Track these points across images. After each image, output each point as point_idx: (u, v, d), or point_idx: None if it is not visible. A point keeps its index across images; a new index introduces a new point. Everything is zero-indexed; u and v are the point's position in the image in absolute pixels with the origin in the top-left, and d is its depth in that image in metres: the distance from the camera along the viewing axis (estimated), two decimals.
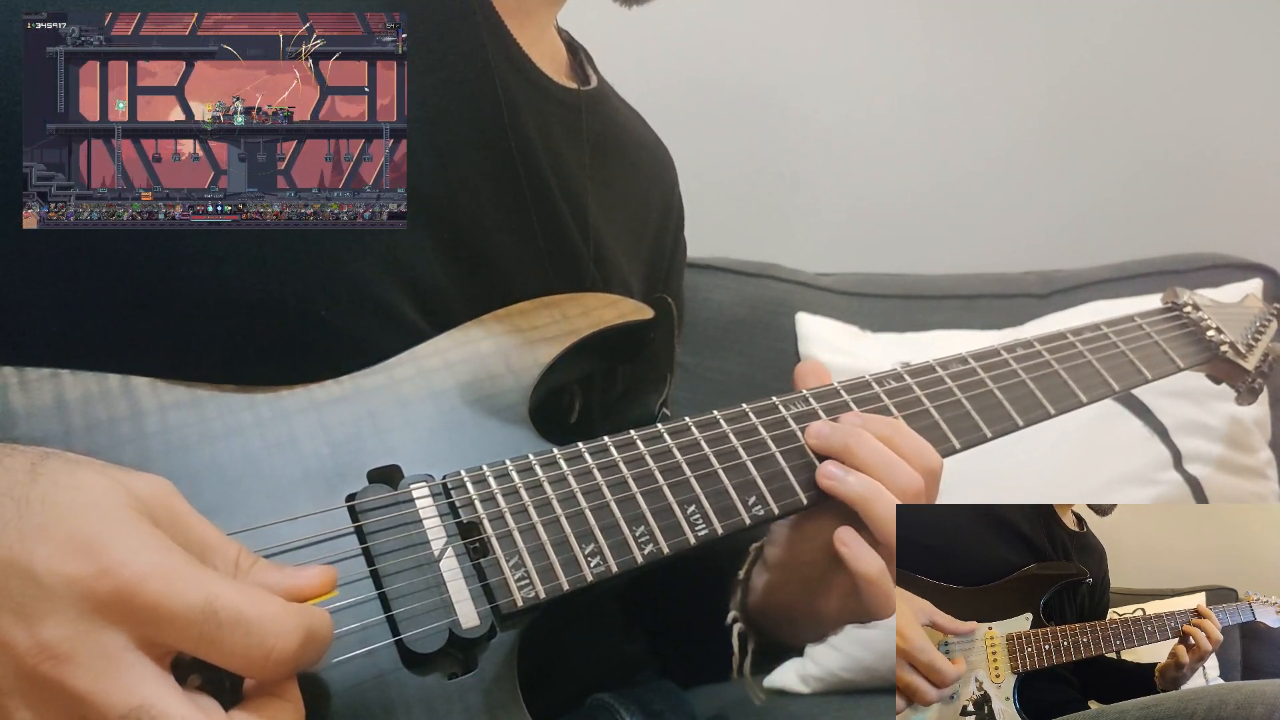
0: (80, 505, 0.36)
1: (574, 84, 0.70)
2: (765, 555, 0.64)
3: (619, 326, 0.60)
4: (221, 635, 0.35)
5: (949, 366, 0.65)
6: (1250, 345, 0.84)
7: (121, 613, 0.35)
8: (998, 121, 1.51)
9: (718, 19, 1.45)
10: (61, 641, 0.34)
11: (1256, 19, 1.45)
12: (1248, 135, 1.48)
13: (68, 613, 0.34)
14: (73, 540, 0.35)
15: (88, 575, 0.34)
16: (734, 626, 0.65)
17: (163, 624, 0.35)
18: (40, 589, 0.34)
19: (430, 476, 0.49)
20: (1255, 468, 1.18)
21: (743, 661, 0.65)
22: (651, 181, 0.77)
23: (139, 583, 0.35)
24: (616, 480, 0.52)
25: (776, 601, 0.63)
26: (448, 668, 0.45)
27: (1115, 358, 0.72)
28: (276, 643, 0.36)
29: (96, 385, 0.46)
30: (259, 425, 0.48)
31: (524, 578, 0.47)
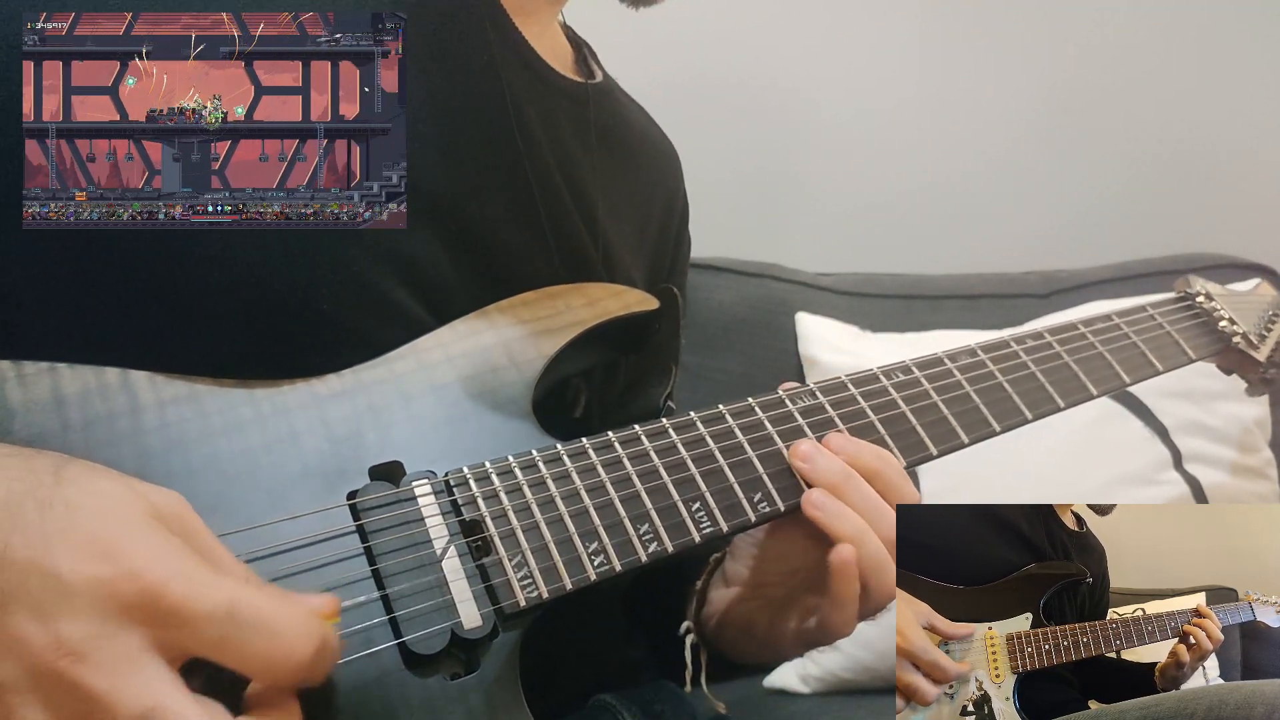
0: (102, 510, 0.37)
1: (579, 78, 0.69)
2: (725, 570, 0.63)
3: (624, 317, 0.59)
4: (243, 637, 0.36)
5: (958, 359, 0.64)
6: (1262, 336, 0.83)
7: (145, 615, 0.35)
8: (998, 121, 1.51)
9: (719, 18, 1.45)
10: (82, 640, 0.34)
11: (1256, 19, 1.45)
12: (1248, 135, 1.48)
13: (90, 612, 0.34)
14: (95, 543, 0.35)
15: (113, 577, 0.35)
16: (686, 638, 0.64)
17: (184, 626, 0.35)
18: (61, 588, 0.34)
19: (432, 473, 0.49)
20: (1255, 468, 1.18)
21: (697, 674, 0.63)
22: (657, 177, 0.77)
23: (163, 585, 0.35)
24: (620, 477, 0.51)
25: (735, 618, 0.62)
26: (450, 668, 0.45)
27: (1126, 348, 0.71)
28: (295, 645, 0.37)
29: (95, 380, 0.46)
30: (259, 420, 0.48)
31: (527, 577, 0.47)
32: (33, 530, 0.35)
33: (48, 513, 0.36)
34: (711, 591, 0.64)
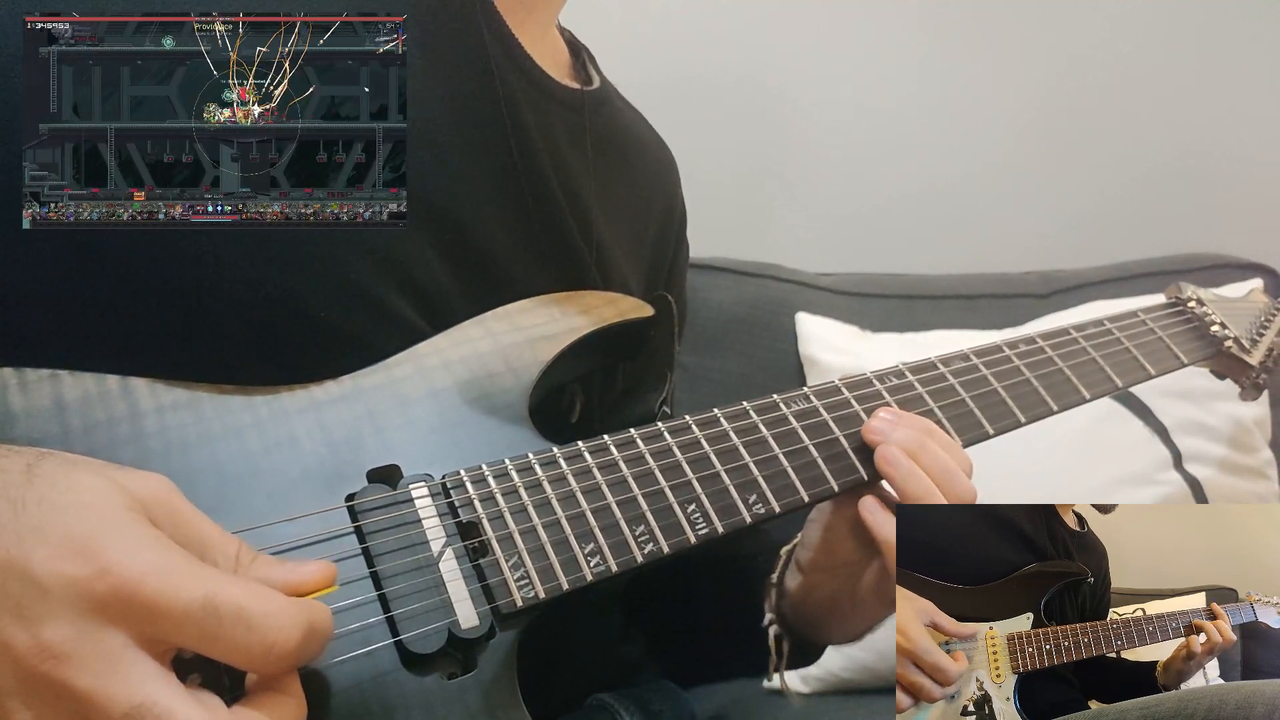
0: (77, 506, 0.36)
1: (576, 84, 0.69)
2: (798, 559, 0.64)
3: (619, 324, 0.60)
4: (223, 631, 0.35)
5: (951, 363, 0.65)
6: (1255, 340, 0.84)
7: (121, 612, 0.35)
8: (998, 121, 1.51)
9: (718, 18, 1.45)
10: (62, 642, 0.34)
11: (1256, 19, 1.45)
12: (1248, 135, 1.48)
13: (68, 613, 0.34)
14: (70, 541, 0.35)
15: (86, 575, 0.34)
16: (770, 629, 0.66)
17: (163, 621, 0.35)
18: (39, 590, 0.34)
19: (430, 476, 0.49)
20: (1255, 468, 1.18)
21: (779, 663, 0.65)
22: (653, 183, 0.77)
23: (138, 581, 0.35)
24: (616, 479, 0.52)
25: (816, 600, 0.64)
26: (447, 668, 0.45)
27: (1119, 354, 0.72)
28: (278, 637, 0.36)
29: (95, 386, 0.46)
30: (258, 425, 0.48)
31: (523, 578, 0.47)
32: (7, 531, 0.35)
33: (21, 511, 0.35)
34: (788, 581, 0.66)
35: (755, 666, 0.68)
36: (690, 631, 0.77)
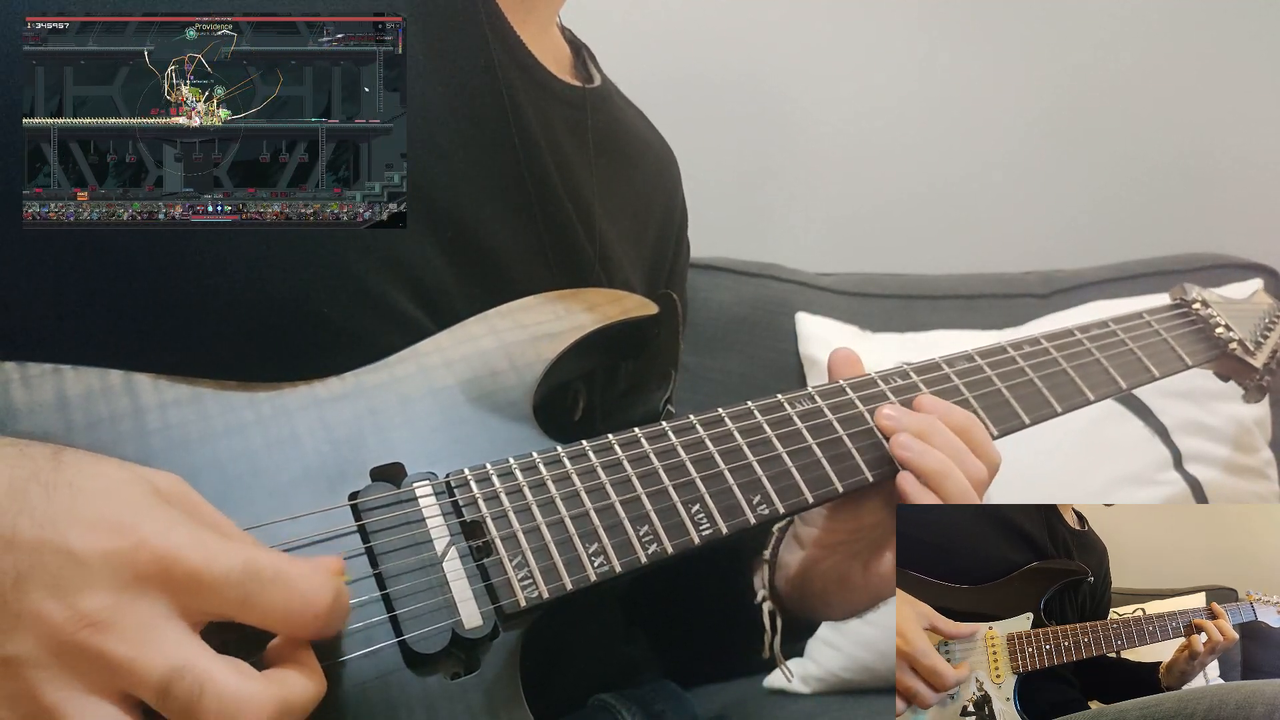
0: (105, 490, 0.37)
1: (577, 82, 0.69)
2: (797, 534, 0.64)
3: (623, 322, 0.60)
4: (265, 593, 0.37)
5: (955, 364, 0.64)
6: (1259, 342, 0.84)
7: (163, 581, 0.36)
8: (998, 122, 1.51)
9: (718, 17, 1.45)
10: (101, 610, 0.35)
11: (1256, 19, 1.45)
12: (1248, 135, 1.48)
13: (107, 584, 0.35)
14: (103, 520, 0.36)
15: (126, 548, 0.36)
16: (763, 605, 0.66)
17: (204, 589, 0.36)
18: (77, 564, 0.35)
19: (433, 475, 0.49)
20: (1255, 468, 1.19)
21: (773, 639, 0.65)
22: (654, 182, 0.77)
23: (177, 550, 0.36)
24: (620, 479, 0.52)
25: (820, 574, 0.64)
26: (450, 668, 0.45)
27: (1123, 355, 0.72)
28: (316, 595, 0.38)
29: (98, 382, 0.46)
30: (260, 423, 0.48)
31: (527, 577, 0.47)
32: (39, 512, 0.36)
33: (53, 494, 0.36)
34: (785, 556, 0.66)
35: (751, 649, 0.68)
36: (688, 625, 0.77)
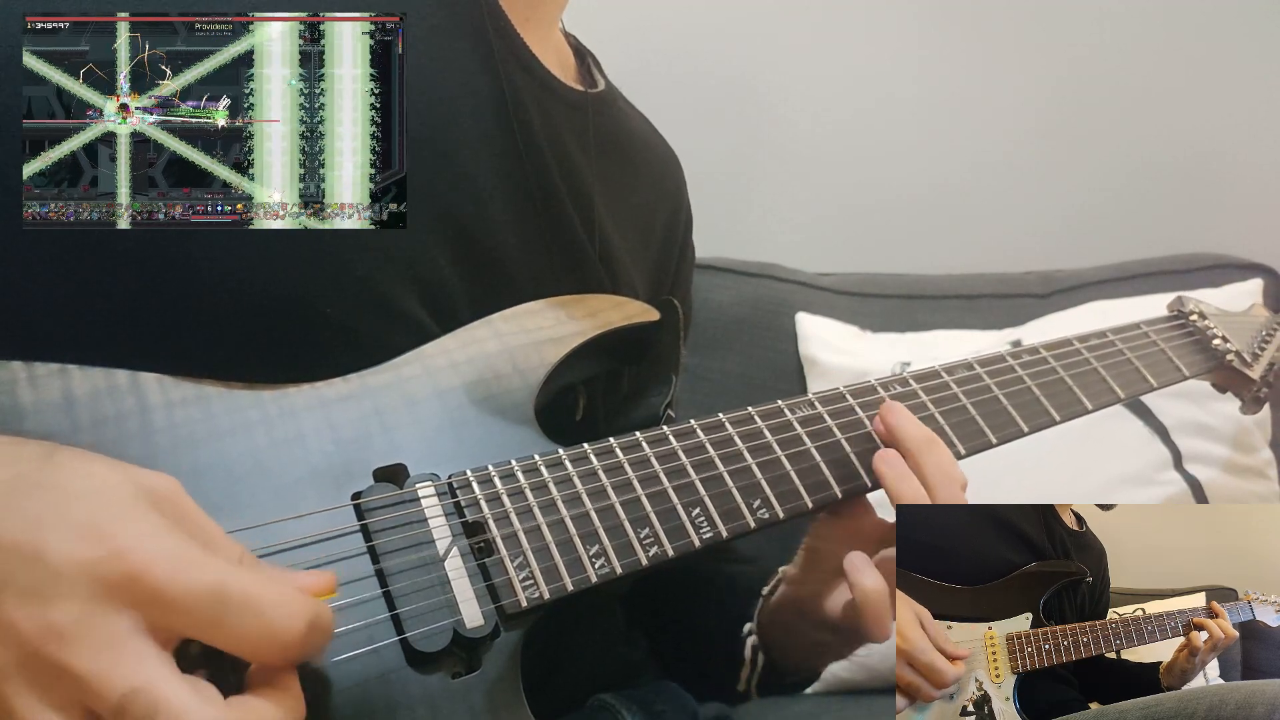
0: (91, 492, 0.37)
1: (581, 86, 0.70)
2: (785, 573, 0.66)
3: (625, 328, 0.60)
4: (229, 618, 0.36)
5: (955, 372, 0.65)
6: (1256, 354, 0.85)
7: (131, 596, 0.35)
8: (998, 121, 1.51)
9: (718, 17, 1.45)
10: (69, 623, 0.34)
11: (1256, 19, 1.45)
12: (1248, 135, 1.48)
13: (78, 595, 0.34)
14: (83, 525, 0.36)
15: (98, 558, 0.35)
16: (748, 639, 0.67)
17: (171, 607, 0.35)
18: (50, 572, 0.34)
19: (436, 476, 0.50)
20: (1255, 468, 1.19)
21: (750, 674, 0.65)
22: (659, 187, 0.77)
23: (148, 566, 0.35)
24: (621, 481, 0.52)
25: (789, 602, 0.64)
26: (451, 667, 0.45)
27: (1121, 365, 0.73)
28: (285, 624, 0.36)
29: (104, 381, 0.46)
30: (265, 422, 0.48)
31: (528, 578, 0.47)
32: (23, 513, 0.35)
33: (39, 495, 0.36)
34: (773, 598, 0.67)
35: (727, 679, 0.69)
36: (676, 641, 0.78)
